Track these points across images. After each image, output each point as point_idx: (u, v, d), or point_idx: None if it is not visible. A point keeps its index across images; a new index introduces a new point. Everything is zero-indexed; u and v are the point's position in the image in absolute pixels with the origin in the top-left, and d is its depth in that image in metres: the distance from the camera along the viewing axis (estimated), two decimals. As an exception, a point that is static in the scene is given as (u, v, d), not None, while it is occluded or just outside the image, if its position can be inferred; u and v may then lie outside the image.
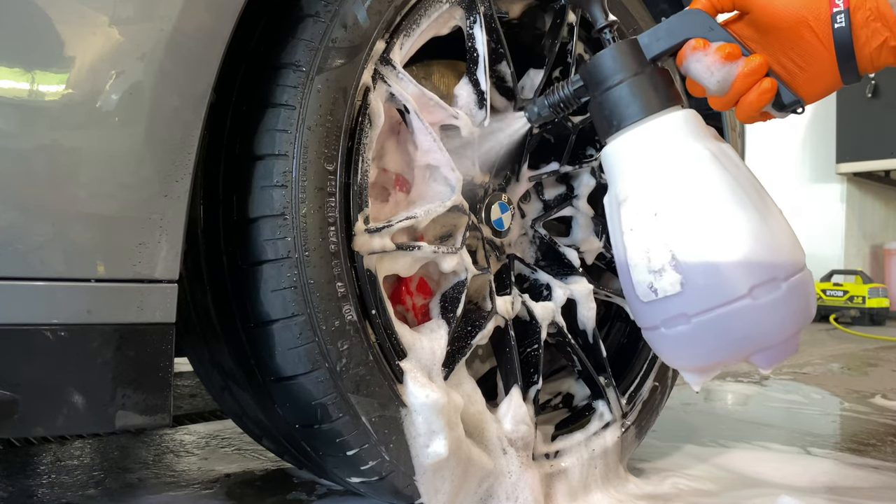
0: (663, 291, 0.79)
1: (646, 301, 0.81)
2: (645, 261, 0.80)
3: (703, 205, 0.78)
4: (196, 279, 0.91)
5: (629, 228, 0.82)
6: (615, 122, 0.83)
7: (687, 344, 0.81)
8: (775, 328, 0.79)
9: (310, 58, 0.84)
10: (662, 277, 0.79)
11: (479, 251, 1.11)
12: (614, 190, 0.84)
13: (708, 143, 0.81)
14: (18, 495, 1.13)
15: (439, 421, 0.91)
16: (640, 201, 0.81)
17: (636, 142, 0.82)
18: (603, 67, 0.84)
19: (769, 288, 0.77)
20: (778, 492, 1.19)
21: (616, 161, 0.84)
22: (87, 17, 0.68)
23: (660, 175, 0.80)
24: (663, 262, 0.78)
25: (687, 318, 0.79)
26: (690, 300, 0.78)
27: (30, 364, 0.66)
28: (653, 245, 0.79)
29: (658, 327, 0.82)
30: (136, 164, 0.70)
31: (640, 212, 0.80)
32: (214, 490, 1.17)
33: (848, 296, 4.71)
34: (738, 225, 0.77)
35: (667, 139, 0.81)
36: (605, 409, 1.19)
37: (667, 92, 0.83)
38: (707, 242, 0.77)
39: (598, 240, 1.23)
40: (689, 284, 0.78)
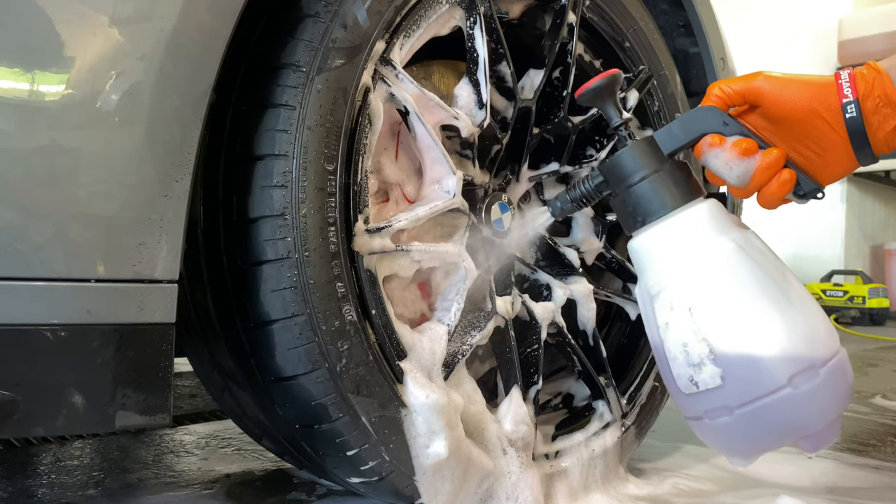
0: (704, 385, 0.81)
1: (688, 393, 0.83)
2: (683, 355, 0.82)
3: (735, 298, 0.80)
4: (196, 279, 0.91)
5: (664, 323, 0.83)
6: (640, 218, 0.86)
7: (731, 434, 0.83)
8: (817, 414, 0.80)
9: (310, 58, 0.84)
10: (702, 371, 0.80)
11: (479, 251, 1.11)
12: (644, 283, 0.86)
13: (733, 233, 0.83)
14: (18, 495, 1.13)
15: (439, 421, 0.91)
16: (672, 297, 0.82)
17: (662, 237, 0.84)
18: (623, 166, 0.86)
19: (808, 376, 0.78)
20: (778, 492, 1.19)
21: (643, 255, 0.87)
22: (87, 17, 0.68)
23: (689, 270, 0.82)
24: (701, 356, 0.80)
25: (730, 410, 0.80)
26: (732, 393, 0.80)
27: (30, 364, 0.66)
28: (689, 340, 0.81)
29: (702, 418, 0.84)
30: (136, 164, 0.70)
31: (673, 307, 0.82)
32: (214, 490, 1.17)
33: (848, 296, 4.71)
34: (771, 317, 0.79)
35: (692, 233, 0.83)
36: (605, 409, 1.19)
37: (687, 185, 0.85)
38: (743, 336, 0.79)
39: (598, 240, 1.23)
40: (729, 377, 0.79)
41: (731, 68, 1.41)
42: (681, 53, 1.37)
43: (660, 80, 1.28)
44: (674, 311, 0.82)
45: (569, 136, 1.17)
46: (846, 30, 4.88)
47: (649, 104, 1.28)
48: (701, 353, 0.80)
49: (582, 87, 0.89)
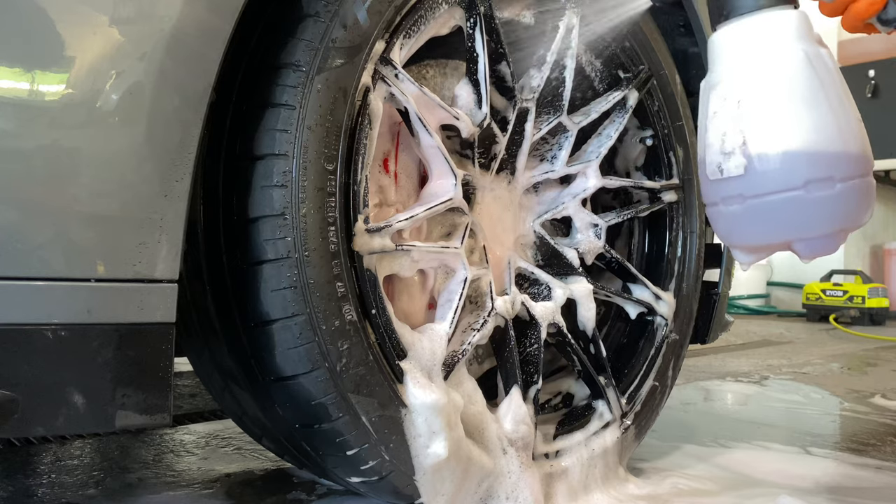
0: (728, 172, 0.88)
1: (712, 179, 0.90)
2: (720, 142, 0.88)
3: (782, 100, 0.86)
4: (196, 279, 0.91)
5: (713, 112, 0.90)
6: (726, 11, 0.90)
7: (738, 222, 0.90)
8: (821, 223, 0.86)
9: (310, 58, 0.84)
10: (730, 159, 0.87)
11: (479, 251, 1.11)
12: (710, 75, 0.92)
13: (808, 45, 0.87)
14: (18, 495, 1.13)
15: (439, 421, 0.91)
16: (729, 88, 0.88)
17: (740, 32, 0.89)
18: None
19: (823, 185, 0.84)
20: (778, 491, 1.19)
21: (718, 48, 0.91)
22: (87, 17, 0.68)
23: (753, 66, 0.87)
24: (734, 146, 0.87)
25: (742, 199, 0.88)
26: (749, 183, 0.87)
27: (30, 364, 0.66)
28: (729, 129, 0.87)
29: (717, 204, 0.92)
30: (136, 163, 0.70)
31: (726, 97, 0.88)
32: (214, 490, 1.17)
33: (848, 296, 4.71)
34: (807, 124, 0.84)
35: (769, 34, 0.88)
36: (604, 408, 1.19)
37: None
38: (775, 134, 0.85)
39: (599, 240, 1.23)
40: (751, 169, 0.86)
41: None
42: (681, 53, 1.37)
43: (660, 80, 1.28)
44: (725, 101, 0.88)
45: (569, 135, 1.17)
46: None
47: (649, 104, 1.28)
48: (735, 143, 0.87)
49: None
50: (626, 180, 1.28)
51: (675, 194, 1.31)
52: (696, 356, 2.91)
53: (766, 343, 3.51)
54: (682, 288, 1.32)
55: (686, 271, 1.32)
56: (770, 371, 2.57)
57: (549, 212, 1.20)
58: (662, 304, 1.28)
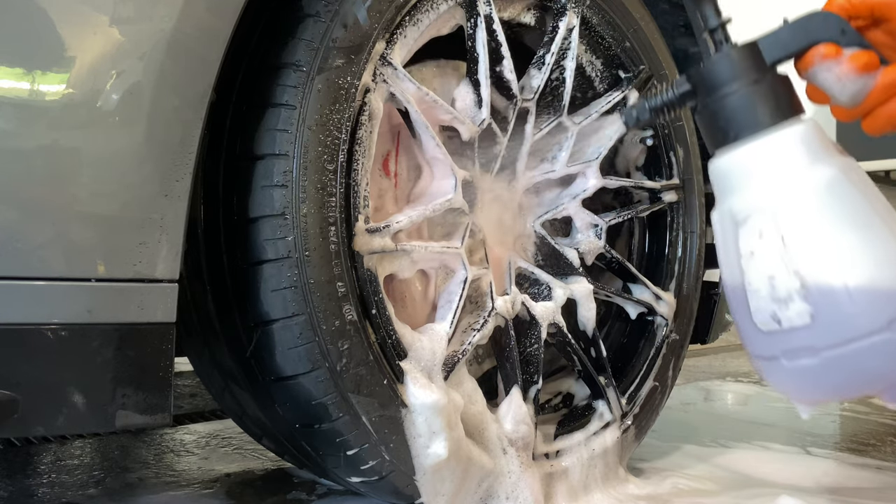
0: (789, 321, 0.73)
1: (766, 330, 0.76)
2: (768, 288, 0.74)
3: (835, 229, 0.72)
4: (196, 279, 0.91)
5: (749, 252, 0.76)
6: (731, 134, 0.77)
7: (811, 378, 0.75)
8: None
9: (310, 58, 0.84)
10: (789, 307, 0.73)
11: (479, 251, 1.11)
12: (728, 207, 0.78)
13: (836, 159, 0.75)
14: (19, 495, 1.13)
15: (439, 421, 0.91)
16: (763, 223, 0.75)
17: (756, 156, 0.76)
18: (718, 73, 0.77)
19: None
20: (778, 491, 1.19)
21: (731, 176, 0.78)
22: (87, 17, 0.68)
23: (786, 195, 0.74)
24: (790, 291, 0.73)
25: (815, 352, 0.73)
26: (820, 332, 0.72)
27: (30, 364, 0.66)
28: (778, 271, 0.73)
29: (777, 358, 0.76)
30: (136, 163, 0.70)
31: (763, 235, 0.74)
32: (214, 489, 1.17)
33: (848, 296, 4.70)
34: (875, 253, 0.71)
35: (792, 155, 0.75)
36: (604, 409, 1.19)
37: (789, 101, 0.76)
38: (842, 271, 0.71)
39: (599, 240, 1.23)
40: (819, 316, 0.72)
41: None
42: (681, 53, 1.37)
43: (660, 80, 1.28)
44: (763, 238, 0.74)
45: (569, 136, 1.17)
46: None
47: (649, 104, 1.28)
48: (790, 287, 0.72)
49: None
50: (626, 180, 1.28)
51: (675, 194, 1.31)
52: (696, 356, 2.91)
53: (767, 343, 3.50)
54: (682, 288, 1.32)
55: (686, 271, 1.32)
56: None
57: (549, 212, 1.20)
58: (663, 304, 1.28)
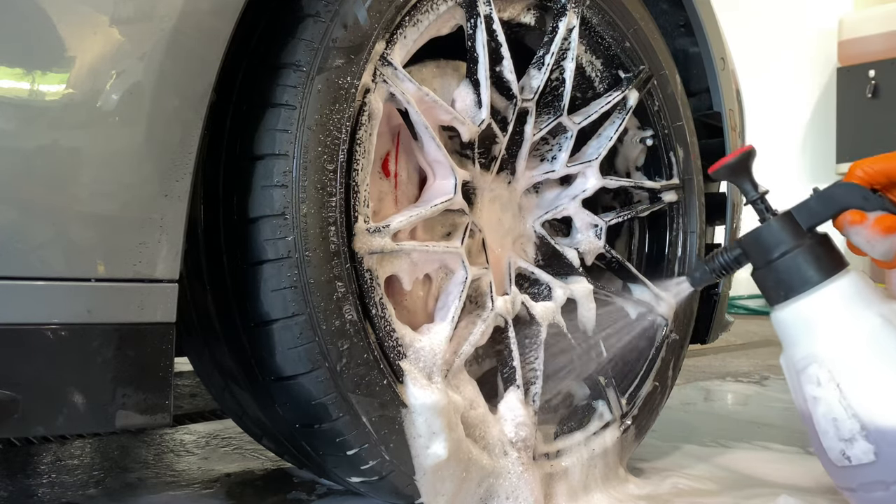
0: (857, 459, 0.82)
1: (840, 466, 0.85)
2: (833, 429, 0.83)
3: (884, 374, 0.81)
4: (196, 279, 0.91)
5: (812, 397, 0.85)
6: (782, 293, 0.89)
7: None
8: None
9: (310, 58, 0.84)
10: (854, 446, 0.82)
11: (479, 251, 1.11)
12: (790, 356, 0.89)
13: (880, 307, 0.84)
14: (19, 495, 1.13)
15: (439, 422, 0.91)
16: (819, 372, 0.84)
17: (806, 311, 0.86)
18: (763, 241, 0.91)
19: None
20: (779, 491, 1.19)
21: (788, 329, 0.89)
22: (87, 17, 0.68)
23: (836, 345, 0.84)
24: (853, 432, 0.82)
25: (886, 486, 0.81)
26: (886, 468, 0.81)
27: (30, 364, 0.66)
28: (839, 415, 0.83)
29: (856, 490, 0.86)
30: (136, 163, 0.70)
31: (821, 382, 0.84)
32: (215, 489, 1.17)
33: (848, 296, 4.69)
34: None
35: (837, 307, 0.85)
36: (604, 408, 1.19)
37: (830, 259, 0.88)
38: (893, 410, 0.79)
39: (599, 240, 1.23)
40: (882, 453, 0.80)
41: (731, 68, 1.41)
42: (681, 53, 1.37)
43: (660, 80, 1.28)
44: (821, 386, 0.84)
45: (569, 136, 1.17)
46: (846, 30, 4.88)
47: (649, 104, 1.28)
48: (852, 429, 0.82)
49: (716, 165, 0.93)
50: (626, 180, 1.28)
51: (675, 194, 1.31)
52: (696, 356, 2.91)
53: (767, 343, 3.51)
54: (682, 288, 1.32)
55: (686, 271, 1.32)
56: (770, 371, 2.57)
57: (549, 212, 1.20)
58: (662, 304, 1.28)
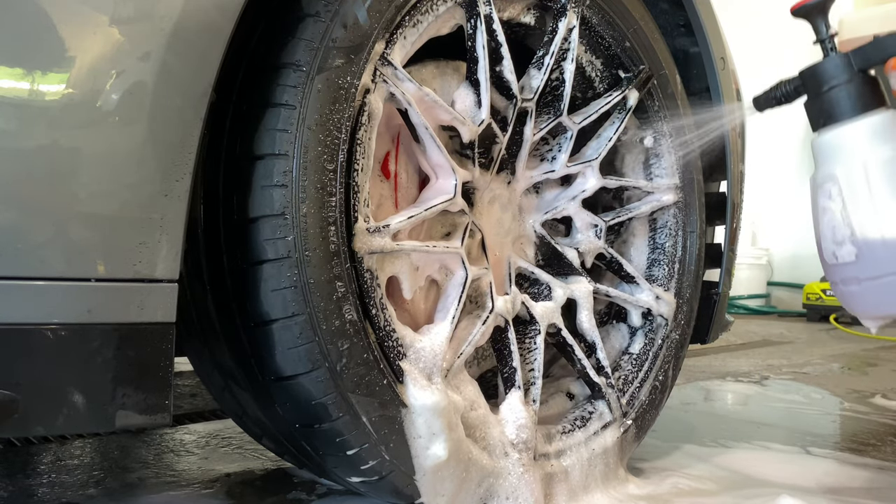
0: (842, 258, 1.06)
1: (829, 263, 1.10)
2: (831, 234, 1.07)
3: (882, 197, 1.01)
4: (196, 279, 0.91)
5: (823, 208, 1.08)
6: (824, 120, 1.07)
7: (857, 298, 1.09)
8: None
9: (310, 58, 0.84)
10: (842, 248, 1.05)
11: (479, 251, 1.11)
12: (817, 174, 1.10)
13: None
14: (19, 494, 1.13)
15: (439, 422, 0.91)
16: (833, 188, 1.05)
17: (839, 137, 1.06)
18: (821, 73, 1.09)
19: None
20: (779, 491, 1.19)
21: (821, 151, 1.09)
22: (88, 17, 0.68)
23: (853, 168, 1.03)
24: (844, 237, 1.04)
25: (858, 281, 1.06)
26: (861, 268, 1.05)
27: (30, 364, 0.66)
28: (838, 223, 1.05)
29: (838, 283, 1.11)
30: (136, 163, 0.70)
31: (832, 196, 1.05)
32: (215, 489, 1.17)
33: (848, 296, 4.70)
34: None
35: (865, 137, 1.03)
36: (604, 408, 1.19)
37: (871, 97, 1.04)
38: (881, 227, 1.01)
39: (598, 240, 1.23)
40: (861, 256, 1.04)
41: (731, 68, 1.41)
42: (681, 53, 1.36)
43: (660, 80, 1.28)
44: (832, 199, 1.05)
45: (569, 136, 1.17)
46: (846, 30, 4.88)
47: (649, 104, 1.28)
48: (843, 235, 1.04)
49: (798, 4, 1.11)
50: (626, 180, 1.28)
51: (675, 194, 1.31)
52: (696, 356, 2.91)
53: (767, 343, 3.51)
54: (682, 288, 1.32)
55: (686, 271, 1.32)
56: (770, 371, 2.57)
57: (549, 212, 1.20)
58: (662, 304, 1.28)
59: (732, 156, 1.35)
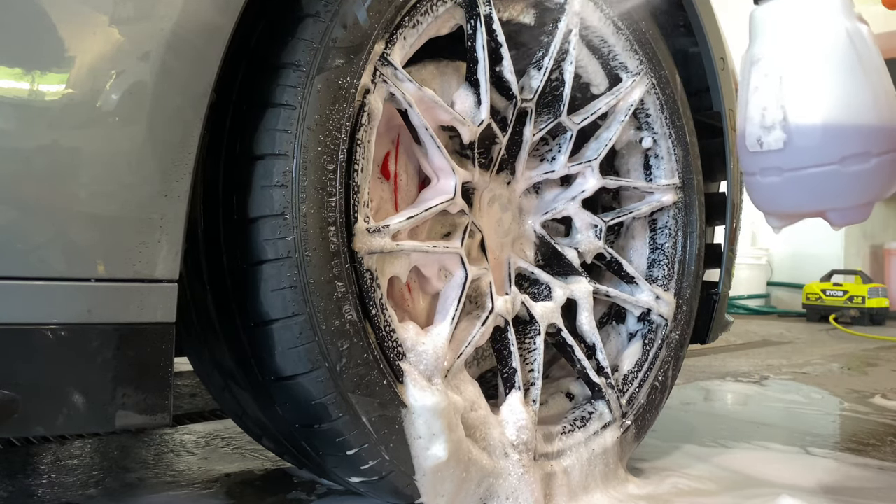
0: (767, 145, 0.92)
1: (752, 151, 0.95)
2: (760, 117, 0.93)
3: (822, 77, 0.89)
4: (196, 279, 0.91)
5: (755, 86, 0.94)
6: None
7: (775, 192, 0.95)
8: (855, 194, 0.90)
9: (310, 58, 0.84)
10: (770, 134, 0.92)
11: (479, 251, 1.11)
12: (752, 50, 0.96)
13: (850, 22, 0.90)
14: (19, 495, 1.13)
15: (439, 423, 0.91)
16: (770, 64, 0.92)
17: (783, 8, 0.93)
18: None
19: (859, 160, 0.87)
20: (778, 491, 1.19)
21: (760, 23, 0.95)
22: (87, 17, 0.68)
23: (794, 43, 0.91)
24: (775, 121, 0.91)
25: (780, 171, 0.92)
26: (788, 157, 0.91)
27: (30, 364, 0.66)
28: (770, 105, 0.92)
29: (756, 174, 0.96)
30: (136, 163, 0.70)
31: (767, 73, 0.92)
32: (214, 489, 1.17)
33: (848, 296, 4.71)
34: (845, 100, 0.87)
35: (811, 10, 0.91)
36: (604, 409, 1.19)
37: None
38: (814, 110, 0.88)
39: (598, 240, 1.23)
40: (790, 143, 0.90)
41: (731, 68, 1.41)
42: (681, 53, 1.36)
43: (660, 80, 1.28)
44: (766, 77, 0.92)
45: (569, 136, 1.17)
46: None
47: (650, 104, 1.28)
48: (775, 118, 0.91)
49: None
50: (626, 180, 1.28)
51: (674, 194, 1.31)
52: (696, 356, 2.91)
53: (767, 343, 3.51)
54: (682, 288, 1.32)
55: (686, 271, 1.32)
56: (770, 371, 2.57)
57: (549, 212, 1.20)
58: (662, 303, 1.28)
59: (732, 156, 1.35)
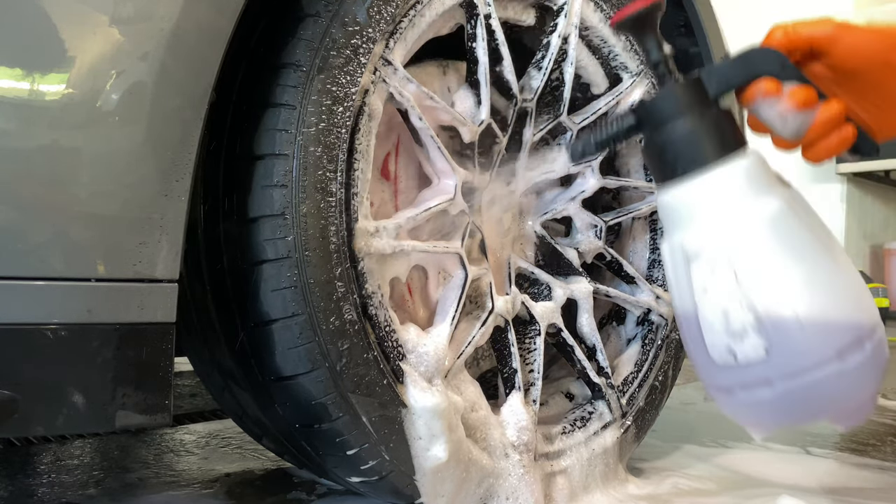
0: (745, 356, 0.73)
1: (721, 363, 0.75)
2: (722, 322, 0.74)
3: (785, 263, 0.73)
4: (196, 279, 0.91)
5: (702, 288, 0.75)
6: (678, 169, 0.75)
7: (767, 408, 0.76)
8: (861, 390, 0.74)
9: (310, 58, 0.84)
10: (744, 341, 0.73)
11: (479, 251, 1.11)
12: (678, 241, 0.77)
13: (781, 192, 0.75)
14: (18, 494, 1.13)
15: (439, 424, 0.91)
16: (714, 259, 0.74)
17: (703, 192, 0.75)
18: (662, 108, 0.76)
19: (856, 349, 0.72)
20: (779, 491, 1.19)
21: (679, 211, 0.77)
22: (87, 17, 0.68)
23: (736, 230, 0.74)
24: (745, 325, 0.73)
25: (770, 384, 0.73)
26: (775, 365, 0.73)
27: (30, 363, 0.66)
28: (731, 306, 0.73)
29: (734, 391, 0.76)
30: (136, 163, 0.70)
31: (715, 271, 0.74)
32: (214, 489, 1.17)
33: (848, 296, 4.70)
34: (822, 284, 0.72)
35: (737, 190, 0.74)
36: (604, 409, 1.19)
37: (733, 135, 0.75)
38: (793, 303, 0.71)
39: (598, 240, 1.23)
40: (773, 349, 0.72)
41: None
42: (681, 53, 1.36)
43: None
44: (715, 274, 0.74)
45: (569, 136, 1.17)
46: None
47: (649, 104, 1.28)
48: (744, 322, 0.72)
49: (618, 16, 0.79)
50: (626, 180, 1.28)
51: (675, 194, 1.31)
52: (696, 356, 2.90)
53: (767, 343, 3.50)
54: (682, 288, 1.32)
55: (686, 271, 1.32)
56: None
57: (549, 212, 1.20)
58: (662, 304, 1.28)
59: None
